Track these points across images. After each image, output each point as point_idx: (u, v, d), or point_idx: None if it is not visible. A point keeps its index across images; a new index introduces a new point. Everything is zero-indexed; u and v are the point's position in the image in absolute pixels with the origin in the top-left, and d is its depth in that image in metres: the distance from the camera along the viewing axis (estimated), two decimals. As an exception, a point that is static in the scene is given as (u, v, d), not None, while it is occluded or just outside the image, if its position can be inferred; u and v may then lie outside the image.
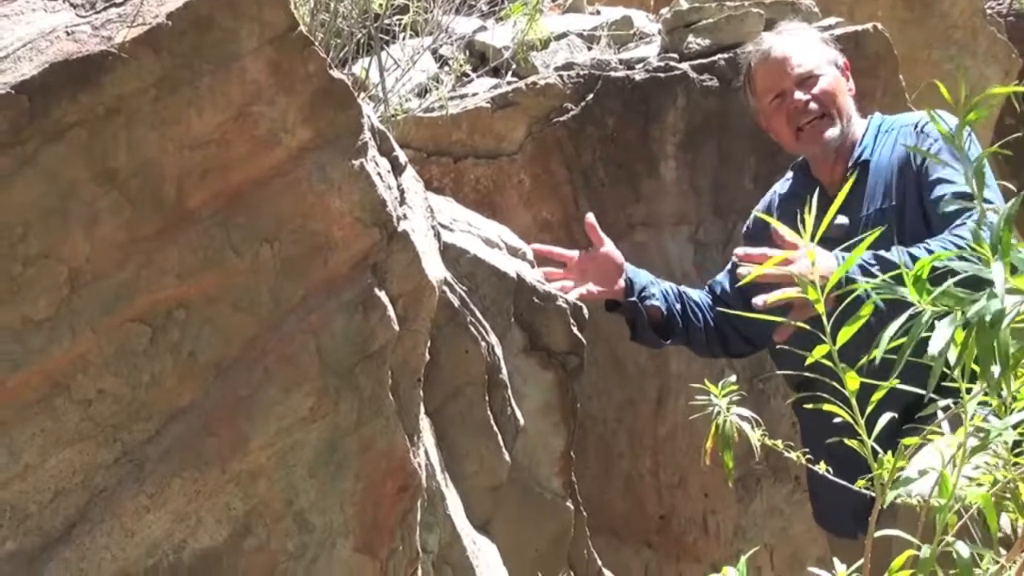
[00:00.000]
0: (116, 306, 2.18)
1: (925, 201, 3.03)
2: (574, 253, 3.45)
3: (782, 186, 3.54)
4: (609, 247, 3.44)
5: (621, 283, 3.43)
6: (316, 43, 2.41)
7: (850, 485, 1.93)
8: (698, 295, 3.53)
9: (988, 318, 1.26)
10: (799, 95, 3.28)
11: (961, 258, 1.41)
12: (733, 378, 2.05)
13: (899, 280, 1.43)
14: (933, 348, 1.29)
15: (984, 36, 6.80)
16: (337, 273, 2.40)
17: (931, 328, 1.33)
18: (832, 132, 3.26)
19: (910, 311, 1.38)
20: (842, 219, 3.03)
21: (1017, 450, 1.70)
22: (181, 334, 2.25)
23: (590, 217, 3.47)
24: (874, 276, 1.62)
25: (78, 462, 2.17)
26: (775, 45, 3.40)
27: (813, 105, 3.27)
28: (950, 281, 1.37)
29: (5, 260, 2.07)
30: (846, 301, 1.59)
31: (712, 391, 2.02)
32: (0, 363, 2.08)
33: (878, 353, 1.39)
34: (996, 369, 1.27)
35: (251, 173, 2.31)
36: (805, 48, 3.37)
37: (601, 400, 4.15)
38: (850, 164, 3.26)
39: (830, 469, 2.14)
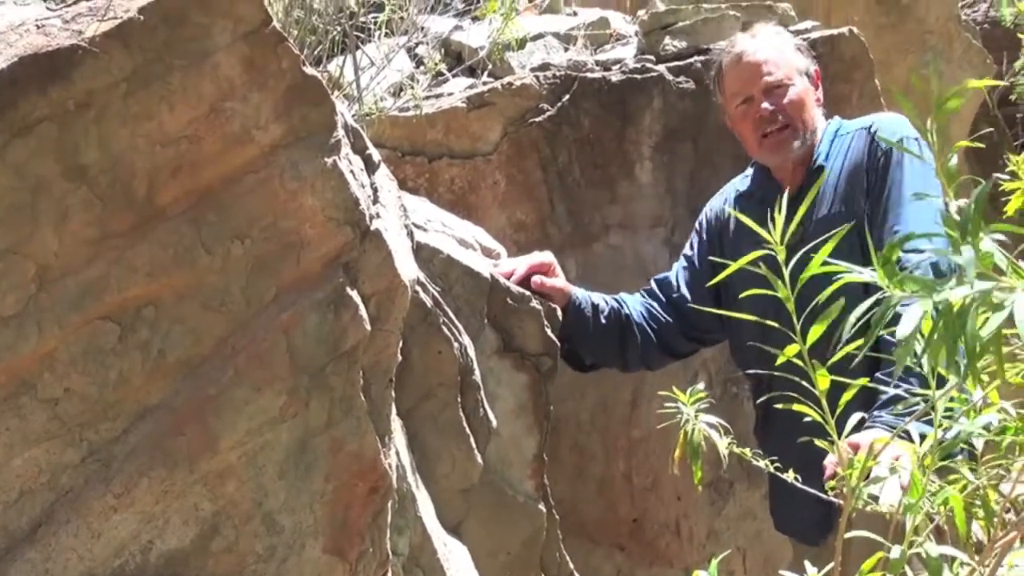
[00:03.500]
0: (84, 303, 2.15)
1: (872, 214, 3.07)
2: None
3: (741, 182, 3.56)
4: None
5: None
6: (290, 40, 2.39)
7: (818, 493, 1.93)
8: (636, 305, 3.54)
9: (957, 304, 1.24)
10: (766, 104, 3.31)
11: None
12: (701, 385, 2.04)
13: None
14: (901, 332, 1.28)
15: (959, 42, 6.85)
16: (309, 271, 2.38)
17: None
18: (794, 144, 3.30)
19: (877, 295, 1.36)
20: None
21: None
22: (150, 332, 2.22)
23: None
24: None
25: (44, 462, 2.14)
26: (747, 49, 3.41)
27: (779, 116, 3.30)
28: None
29: (-28, 256, 2.05)
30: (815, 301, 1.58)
31: (680, 399, 2.01)
32: (-35, 360, 2.06)
33: (845, 332, 1.38)
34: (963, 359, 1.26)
35: (223, 170, 2.29)
36: (777, 55, 3.38)
37: (575, 402, 4.14)
38: (808, 169, 3.29)
39: (799, 477, 2.13)
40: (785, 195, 1.86)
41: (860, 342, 1.40)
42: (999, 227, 1.34)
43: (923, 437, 1.66)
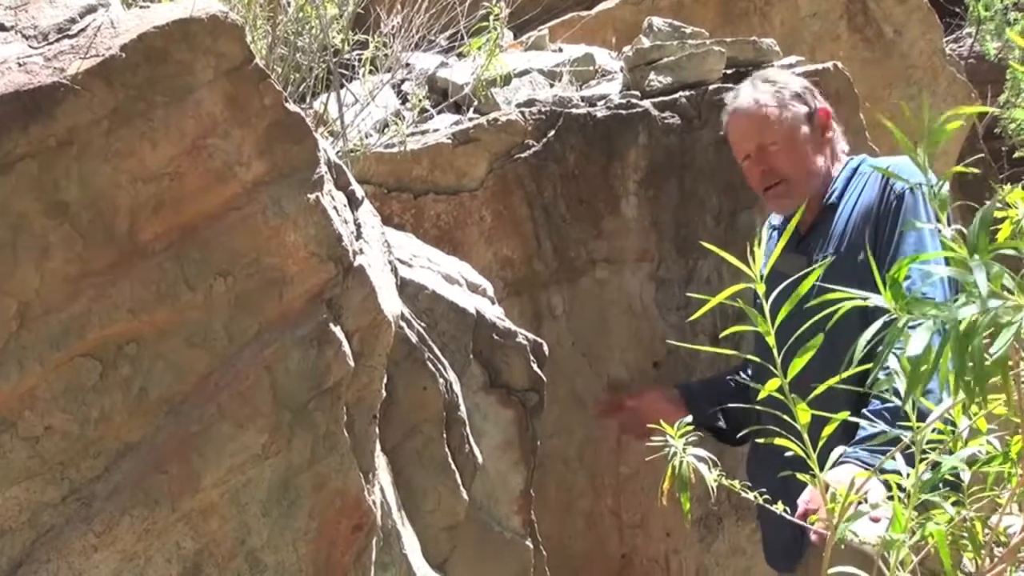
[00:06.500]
0: (66, 341, 2.14)
1: (881, 256, 3.09)
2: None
3: (774, 218, 3.59)
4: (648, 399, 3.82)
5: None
6: (273, 76, 2.39)
7: (796, 520, 1.92)
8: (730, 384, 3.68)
9: (964, 324, 1.24)
10: (760, 164, 3.38)
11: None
12: (689, 418, 2.04)
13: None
14: (911, 351, 1.27)
15: (944, 76, 6.89)
16: (292, 308, 2.38)
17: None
18: (793, 197, 3.33)
19: (884, 318, 1.36)
20: (801, 257, 3.11)
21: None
22: (132, 369, 2.21)
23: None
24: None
25: (25, 500, 2.13)
26: (742, 105, 3.44)
27: (772, 176, 3.36)
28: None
29: (-48, 293, 2.04)
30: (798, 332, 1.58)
31: (668, 431, 2.00)
32: (-55, 399, 2.04)
33: (857, 355, 1.38)
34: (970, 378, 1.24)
35: (205, 206, 2.28)
36: (774, 112, 3.40)
37: (562, 438, 4.13)
38: (822, 205, 3.33)
39: (787, 510, 2.13)
40: (765, 228, 1.86)
41: (864, 368, 1.40)
42: (1001, 244, 1.34)
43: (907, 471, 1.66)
